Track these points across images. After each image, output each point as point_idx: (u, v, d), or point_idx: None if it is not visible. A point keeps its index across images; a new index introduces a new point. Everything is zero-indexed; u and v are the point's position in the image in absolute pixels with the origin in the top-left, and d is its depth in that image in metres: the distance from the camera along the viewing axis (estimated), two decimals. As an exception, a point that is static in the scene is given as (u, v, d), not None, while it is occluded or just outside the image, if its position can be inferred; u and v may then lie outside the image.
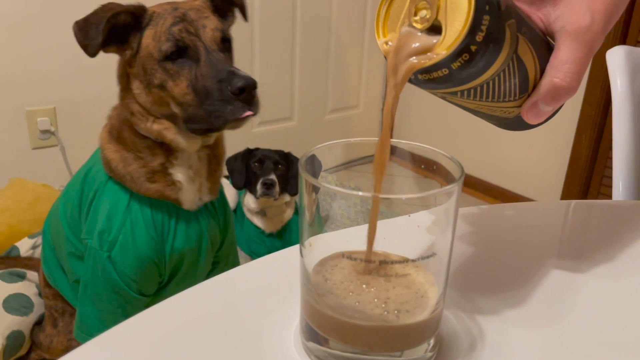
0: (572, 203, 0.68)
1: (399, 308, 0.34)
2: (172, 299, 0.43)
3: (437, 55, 0.33)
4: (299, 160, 0.37)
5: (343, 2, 2.55)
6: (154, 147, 1.01)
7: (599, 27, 0.38)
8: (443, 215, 0.36)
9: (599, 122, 2.10)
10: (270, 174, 1.77)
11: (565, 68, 0.37)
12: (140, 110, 1.00)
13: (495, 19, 0.33)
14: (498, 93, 0.37)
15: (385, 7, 0.37)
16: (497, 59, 0.34)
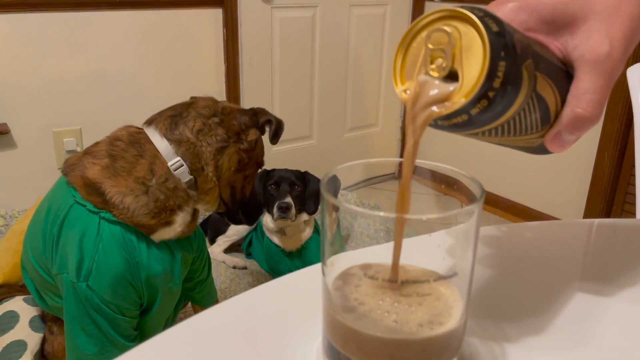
0: (595, 222, 0.67)
1: (421, 322, 0.34)
2: (193, 319, 0.43)
3: (455, 103, 0.33)
4: (321, 181, 0.38)
5: (361, 22, 2.57)
6: (178, 191, 1.08)
7: (618, 54, 0.37)
8: (464, 235, 0.36)
9: (621, 139, 2.07)
10: (286, 197, 1.77)
11: (587, 98, 0.37)
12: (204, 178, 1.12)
13: (512, 64, 0.33)
14: (520, 129, 0.37)
15: (402, 55, 0.37)
16: (515, 100, 0.34)
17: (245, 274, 1.94)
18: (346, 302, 0.36)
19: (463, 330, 0.37)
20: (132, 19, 2.05)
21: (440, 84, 0.35)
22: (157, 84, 2.18)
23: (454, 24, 0.34)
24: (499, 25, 0.33)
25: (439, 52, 0.35)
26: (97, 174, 1.05)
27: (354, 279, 0.37)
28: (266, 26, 2.29)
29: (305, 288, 0.49)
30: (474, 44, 0.33)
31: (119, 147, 1.09)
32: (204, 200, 1.13)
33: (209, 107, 1.15)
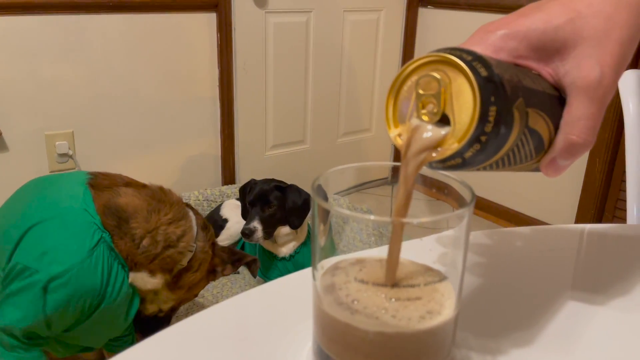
0: (586, 228, 0.67)
1: (413, 316, 0.34)
2: (182, 323, 0.43)
3: (448, 148, 0.34)
4: (312, 184, 0.38)
5: (355, 27, 2.57)
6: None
7: (609, 80, 0.37)
8: (455, 239, 0.37)
9: (612, 145, 2.09)
10: (252, 221, 1.75)
11: (580, 124, 0.37)
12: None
13: (503, 107, 0.33)
14: (514, 161, 0.38)
15: (393, 99, 0.37)
16: (508, 140, 0.35)
17: (237, 279, 1.93)
18: (335, 307, 0.36)
19: (456, 326, 0.37)
20: (126, 23, 2.04)
21: (432, 129, 0.35)
22: (150, 88, 2.17)
23: (443, 69, 0.34)
24: (488, 69, 0.33)
25: (429, 98, 0.35)
26: (132, 204, 1.07)
27: (344, 283, 0.37)
28: (260, 31, 2.29)
29: (296, 292, 0.48)
30: (464, 90, 0.33)
31: (167, 198, 1.14)
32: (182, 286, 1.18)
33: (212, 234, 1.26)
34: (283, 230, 1.83)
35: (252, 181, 1.85)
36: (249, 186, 1.83)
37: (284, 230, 1.83)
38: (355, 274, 0.37)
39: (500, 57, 0.39)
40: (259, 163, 2.47)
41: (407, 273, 0.37)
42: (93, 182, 1.11)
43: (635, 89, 1.02)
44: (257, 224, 1.75)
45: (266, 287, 0.49)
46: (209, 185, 2.36)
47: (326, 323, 0.36)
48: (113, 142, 2.14)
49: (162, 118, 2.22)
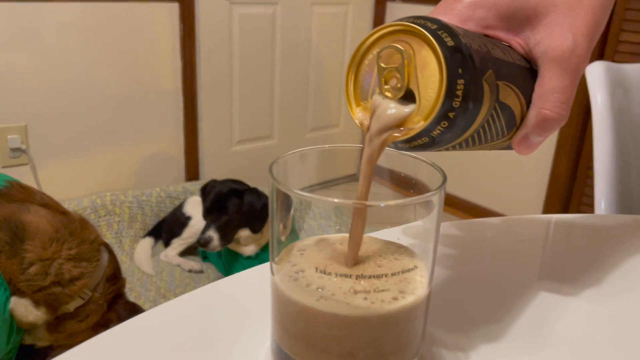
0: (554, 218, 0.66)
1: (380, 298, 0.31)
2: (137, 319, 0.41)
3: (414, 127, 0.31)
4: (269, 167, 0.34)
5: (323, 20, 2.55)
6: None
7: (582, 49, 0.36)
8: (424, 228, 0.34)
9: (578, 140, 2.11)
10: (208, 230, 1.71)
11: (553, 98, 0.35)
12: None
13: (471, 80, 0.30)
14: (485, 139, 0.35)
15: (353, 75, 0.34)
16: (478, 115, 0.32)
17: (201, 277, 1.88)
18: (294, 303, 0.32)
19: (428, 305, 0.34)
20: (83, 11, 1.96)
21: (396, 106, 0.32)
22: (109, 80, 2.09)
23: (406, 40, 0.32)
24: (455, 39, 0.30)
25: (392, 72, 0.32)
26: (36, 224, 0.98)
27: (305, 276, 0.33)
28: (225, 22, 2.24)
29: (257, 287, 0.46)
30: (429, 62, 0.31)
31: (81, 233, 1.04)
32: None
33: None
34: (244, 234, 1.78)
35: (211, 183, 1.80)
36: (208, 188, 1.78)
37: (244, 234, 1.78)
38: (317, 257, 0.34)
39: (467, 27, 0.36)
40: (224, 159, 2.42)
41: (374, 251, 0.34)
42: (5, 191, 1.03)
43: (602, 80, 1.02)
44: (213, 233, 1.70)
45: (225, 282, 0.47)
46: (172, 181, 2.30)
47: (287, 316, 0.33)
48: (70, 136, 2.05)
49: (122, 111, 2.15)
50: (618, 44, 1.94)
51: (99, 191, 2.06)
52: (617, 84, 1.02)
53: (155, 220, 2.04)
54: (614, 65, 1.02)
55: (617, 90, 1.02)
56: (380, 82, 0.33)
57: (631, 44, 1.92)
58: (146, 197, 2.04)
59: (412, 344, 0.34)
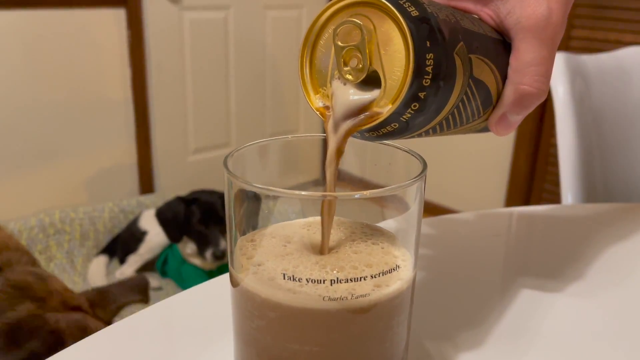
0: (527, 210, 0.64)
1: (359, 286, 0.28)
2: (94, 336, 0.38)
3: (381, 112, 0.28)
4: (224, 160, 0.30)
5: (277, 24, 2.54)
6: None
7: (558, 17, 0.33)
8: (405, 221, 0.30)
9: (536, 134, 2.14)
10: (220, 243, 1.68)
11: (530, 71, 0.32)
12: None
13: (441, 53, 0.27)
14: (460, 121, 0.32)
15: (308, 59, 0.31)
16: (451, 94, 0.29)
17: (160, 295, 1.80)
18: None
19: (413, 291, 0.31)
20: (19, 20, 1.87)
21: (359, 90, 0.28)
22: (53, 91, 2.00)
23: (365, 14, 0.28)
24: (419, 8, 0.27)
25: (352, 51, 0.28)
26: None
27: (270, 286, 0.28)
28: (175, 28, 2.19)
29: (220, 299, 0.42)
30: (393, 37, 0.27)
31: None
32: None
33: None
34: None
35: (188, 197, 1.75)
36: (185, 201, 1.74)
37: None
38: (278, 247, 0.30)
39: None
40: (180, 169, 2.35)
41: (349, 235, 0.31)
42: None
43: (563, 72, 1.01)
44: (225, 244, 1.69)
45: (186, 295, 0.44)
46: (125, 195, 2.21)
47: (249, 328, 0.29)
48: (12, 152, 1.95)
49: (68, 124, 2.06)
50: (569, 40, 1.98)
51: (47, 208, 1.96)
52: (576, 74, 1.02)
53: (109, 237, 1.97)
54: (573, 56, 1.02)
55: (577, 81, 1.02)
56: (339, 64, 0.29)
57: (581, 40, 1.97)
58: (98, 213, 1.95)
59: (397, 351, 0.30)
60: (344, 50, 0.28)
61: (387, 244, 0.30)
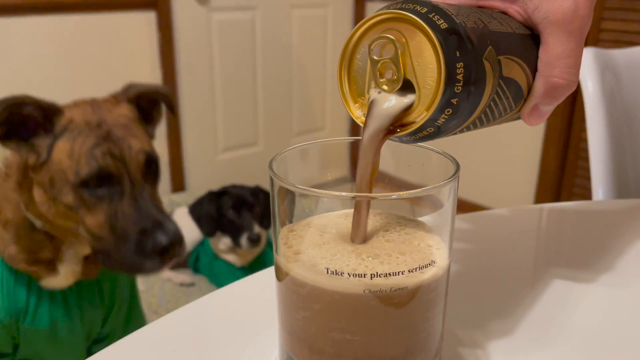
0: (558, 206, 0.65)
1: (399, 271, 0.29)
2: (137, 333, 0.39)
3: (417, 119, 0.30)
4: (269, 163, 0.32)
5: (303, 23, 2.55)
6: (44, 241, 0.88)
7: (584, 9, 0.34)
8: (440, 217, 0.31)
9: (566, 130, 2.11)
10: (254, 227, 1.71)
11: (560, 64, 0.34)
12: (37, 214, 0.86)
13: (471, 61, 0.29)
14: (492, 118, 0.34)
15: (346, 72, 0.33)
16: (482, 97, 0.31)
17: (193, 290, 1.84)
18: (314, 266, 0.30)
19: (448, 278, 0.32)
20: (55, 25, 1.93)
21: (395, 100, 0.30)
22: (87, 93, 2.04)
23: (397, 28, 0.30)
24: (448, 20, 0.29)
25: (387, 64, 0.30)
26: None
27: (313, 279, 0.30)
28: (203, 29, 2.22)
29: (256, 296, 0.44)
30: (424, 49, 0.29)
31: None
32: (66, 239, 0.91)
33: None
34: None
35: (219, 190, 1.80)
36: (216, 194, 1.78)
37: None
38: (317, 237, 0.32)
39: (459, 2, 0.35)
40: (210, 168, 2.39)
41: (384, 225, 0.32)
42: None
43: (593, 67, 1.01)
44: (259, 229, 1.71)
45: (223, 292, 0.45)
46: (158, 194, 2.25)
47: (295, 313, 0.31)
48: None
49: (102, 125, 2.10)
50: (599, 33, 1.95)
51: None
52: (606, 69, 1.02)
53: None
54: (602, 51, 1.01)
55: (607, 76, 1.02)
56: (375, 76, 0.31)
57: (613, 32, 1.93)
58: (132, 211, 1.99)
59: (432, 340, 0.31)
60: (379, 63, 0.30)
61: (421, 232, 0.32)
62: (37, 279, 0.91)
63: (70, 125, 0.83)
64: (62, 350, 0.99)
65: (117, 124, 0.85)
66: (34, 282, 0.91)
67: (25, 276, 0.90)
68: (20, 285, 0.90)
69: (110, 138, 0.83)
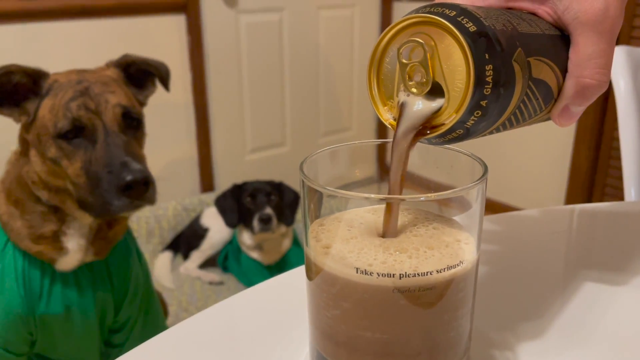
0: (589, 207, 0.64)
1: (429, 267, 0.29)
2: (165, 334, 0.39)
3: (446, 121, 0.30)
4: (300, 165, 0.33)
5: (330, 24, 2.55)
6: (48, 214, 0.93)
7: (615, 9, 0.34)
8: (469, 218, 0.32)
9: (597, 129, 2.07)
10: (265, 208, 1.73)
11: (591, 64, 0.34)
12: (37, 179, 0.92)
13: (500, 63, 0.29)
14: (522, 119, 0.34)
15: (375, 76, 0.33)
16: (511, 98, 0.31)
17: (222, 289, 1.87)
18: (345, 261, 0.30)
19: (476, 275, 0.32)
20: (90, 29, 1.97)
21: (424, 102, 0.31)
22: (120, 96, 2.09)
23: (426, 32, 0.30)
24: (477, 23, 0.29)
25: (416, 67, 0.31)
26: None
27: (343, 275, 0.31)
28: (232, 31, 2.24)
29: (285, 295, 0.45)
30: (453, 52, 0.29)
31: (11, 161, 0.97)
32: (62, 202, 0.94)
33: None
34: (278, 231, 1.81)
35: (241, 183, 1.85)
36: (238, 186, 1.83)
37: (278, 231, 1.82)
38: (346, 231, 0.32)
39: (489, 3, 0.35)
40: (238, 168, 2.41)
41: (412, 220, 0.33)
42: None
43: (625, 66, 0.99)
44: (270, 211, 1.73)
45: (252, 291, 0.46)
46: (187, 193, 2.29)
47: (324, 310, 0.31)
48: None
49: (134, 127, 2.14)
50: (632, 30, 1.90)
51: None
52: (638, 68, 1.00)
53: (173, 234, 2.04)
54: (634, 50, 1.00)
55: (638, 72, 1.00)
56: (404, 79, 0.31)
57: (646, 28, 1.88)
58: (163, 211, 2.04)
59: (460, 339, 0.32)
60: (408, 66, 0.31)
61: (449, 228, 0.32)
62: (50, 262, 0.94)
63: (54, 84, 0.90)
64: (76, 339, 1.02)
65: (97, 81, 0.92)
66: (47, 265, 0.94)
67: (39, 261, 0.94)
68: (34, 269, 0.94)
69: (88, 93, 0.89)
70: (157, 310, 1.14)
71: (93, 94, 0.89)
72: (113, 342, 1.09)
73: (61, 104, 0.88)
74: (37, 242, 0.93)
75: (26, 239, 0.93)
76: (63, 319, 0.98)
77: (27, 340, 0.98)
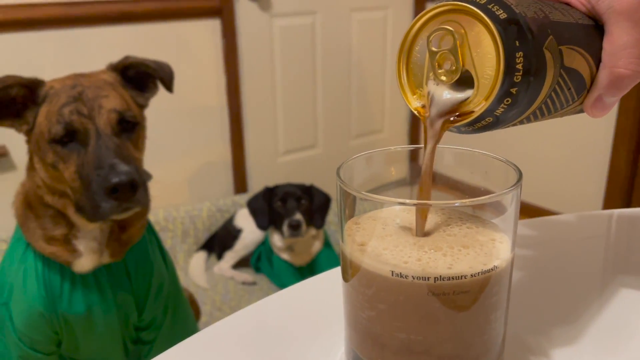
0: (627, 212, 0.62)
1: (464, 266, 0.30)
2: (198, 335, 0.40)
3: (476, 109, 0.30)
4: (337, 170, 0.34)
5: (362, 26, 2.54)
6: (57, 217, 0.96)
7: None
8: (503, 223, 0.32)
9: (637, 129, 2.01)
10: (295, 214, 1.74)
11: (625, 54, 0.33)
12: (42, 184, 0.95)
13: (530, 51, 0.29)
14: (553, 109, 0.33)
15: (404, 64, 0.33)
16: (542, 87, 0.30)
17: (255, 289, 1.89)
18: (380, 258, 0.31)
19: (511, 273, 0.32)
20: (128, 34, 2.02)
21: (453, 90, 0.31)
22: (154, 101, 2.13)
23: (456, 19, 0.30)
24: (507, 10, 0.29)
25: (445, 55, 0.31)
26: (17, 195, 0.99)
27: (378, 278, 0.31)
28: (266, 35, 2.26)
29: (318, 296, 0.45)
30: (483, 39, 0.29)
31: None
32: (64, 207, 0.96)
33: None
34: (307, 234, 1.83)
35: (272, 186, 1.86)
36: (270, 189, 1.84)
37: (308, 234, 1.83)
38: (380, 229, 0.32)
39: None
40: (271, 170, 2.43)
41: (446, 220, 0.33)
42: None
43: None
44: (300, 217, 1.75)
45: (286, 293, 0.46)
46: (221, 195, 2.32)
47: (360, 309, 0.32)
48: None
49: (169, 129, 2.19)
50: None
51: (152, 208, 2.10)
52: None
53: (207, 234, 2.07)
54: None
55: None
56: (434, 67, 0.31)
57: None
58: (197, 212, 2.07)
59: (494, 342, 0.32)
60: (437, 54, 0.31)
61: (482, 227, 0.32)
62: (66, 264, 0.96)
63: (50, 91, 0.91)
64: (99, 339, 1.03)
65: (92, 86, 0.93)
66: (66, 269, 0.97)
67: (57, 264, 0.96)
68: (54, 271, 0.96)
69: (81, 98, 0.91)
70: (186, 309, 1.15)
71: (86, 99, 0.91)
72: (143, 339, 1.11)
73: (55, 110, 0.90)
74: (49, 242, 0.96)
75: (40, 239, 0.96)
76: (85, 318, 0.99)
77: (53, 340, 1.00)
